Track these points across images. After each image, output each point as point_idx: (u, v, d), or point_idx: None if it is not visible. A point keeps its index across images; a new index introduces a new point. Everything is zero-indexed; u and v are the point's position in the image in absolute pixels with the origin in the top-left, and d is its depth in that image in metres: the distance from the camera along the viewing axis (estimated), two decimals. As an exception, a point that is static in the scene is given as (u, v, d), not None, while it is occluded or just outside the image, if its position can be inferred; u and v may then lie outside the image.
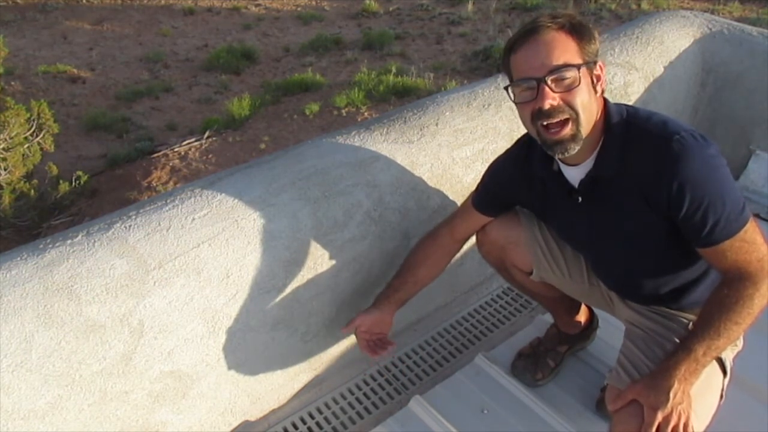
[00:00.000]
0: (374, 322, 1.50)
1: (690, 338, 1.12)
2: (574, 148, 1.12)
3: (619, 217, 1.20)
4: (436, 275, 1.54)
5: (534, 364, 1.69)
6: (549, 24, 1.08)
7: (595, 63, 1.12)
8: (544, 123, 1.10)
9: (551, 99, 1.07)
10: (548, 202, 1.32)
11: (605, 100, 1.17)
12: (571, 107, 1.08)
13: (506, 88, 1.16)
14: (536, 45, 1.08)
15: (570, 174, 1.23)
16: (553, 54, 1.07)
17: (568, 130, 1.10)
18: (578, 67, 1.08)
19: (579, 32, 1.10)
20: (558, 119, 1.09)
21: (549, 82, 1.07)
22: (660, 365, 1.14)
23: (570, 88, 1.08)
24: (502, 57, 1.16)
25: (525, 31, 1.10)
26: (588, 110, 1.10)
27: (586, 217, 1.25)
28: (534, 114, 1.11)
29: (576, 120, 1.09)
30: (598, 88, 1.13)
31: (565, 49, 1.07)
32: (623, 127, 1.15)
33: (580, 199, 1.23)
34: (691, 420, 1.07)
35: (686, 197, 1.07)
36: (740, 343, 1.28)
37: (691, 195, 1.07)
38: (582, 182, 1.21)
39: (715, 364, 1.19)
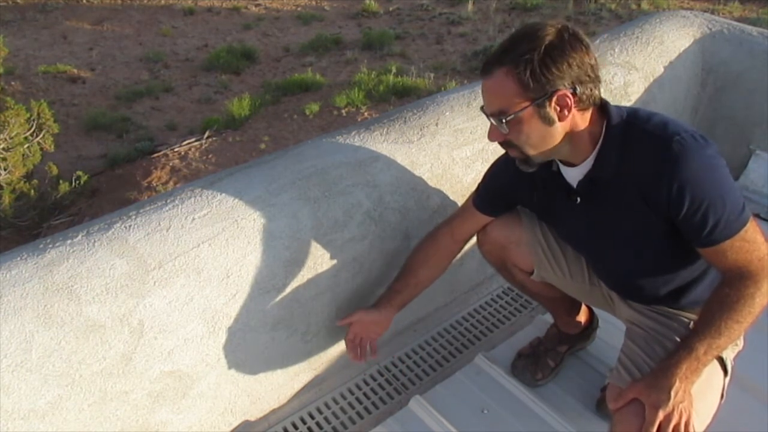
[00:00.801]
0: (372, 322, 1.51)
1: (691, 337, 1.12)
2: (530, 168, 1.19)
3: (618, 217, 1.20)
4: (437, 276, 1.54)
5: (534, 364, 1.69)
6: (498, 61, 1.09)
7: (553, 93, 1.06)
8: None
9: (494, 137, 1.17)
10: (548, 202, 1.33)
11: (605, 103, 1.17)
12: (512, 144, 1.15)
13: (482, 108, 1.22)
14: (484, 86, 1.14)
15: (569, 174, 1.23)
16: (490, 100, 1.13)
17: (517, 154, 1.18)
18: (511, 112, 1.09)
19: (526, 71, 1.05)
20: (506, 149, 1.20)
21: (493, 122, 1.15)
22: (661, 364, 1.14)
23: (506, 131, 1.13)
24: None
25: (483, 64, 1.13)
26: (535, 144, 1.13)
27: (585, 217, 1.25)
28: None
29: (522, 151, 1.16)
30: (564, 114, 1.09)
31: (502, 95, 1.10)
32: (623, 129, 1.15)
33: (578, 199, 1.23)
34: (692, 419, 1.08)
35: (686, 198, 1.07)
36: (741, 343, 1.28)
37: (691, 196, 1.07)
38: (580, 183, 1.21)
39: (716, 364, 1.19)
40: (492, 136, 1.17)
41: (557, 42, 1.05)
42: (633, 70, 2.22)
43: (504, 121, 1.11)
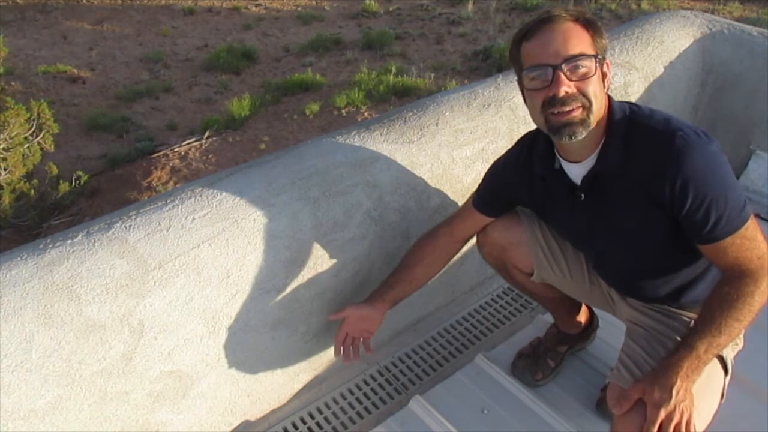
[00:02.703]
0: (363, 317, 1.48)
1: (692, 335, 1.12)
2: (582, 133, 1.11)
3: (621, 214, 1.20)
4: (433, 275, 1.53)
5: (534, 364, 1.69)
6: (564, 15, 1.10)
7: (604, 59, 1.14)
8: (556, 111, 1.10)
9: (566, 86, 1.08)
10: (549, 201, 1.32)
11: (609, 97, 1.18)
12: (585, 95, 1.09)
13: (519, 76, 1.17)
14: (552, 33, 1.09)
15: (572, 171, 1.23)
16: (569, 43, 1.08)
17: (578, 113, 1.10)
18: (592, 57, 1.09)
19: (593, 26, 1.12)
20: (571, 107, 1.09)
21: (565, 70, 1.08)
22: (662, 363, 1.14)
23: (585, 77, 1.09)
24: (512, 45, 1.17)
25: (540, 20, 1.11)
26: (599, 101, 1.12)
27: (587, 214, 1.25)
28: (546, 101, 1.11)
29: (588, 108, 1.10)
30: (606, 84, 1.15)
31: (580, 40, 1.09)
32: (626, 124, 1.15)
33: (582, 196, 1.23)
34: (694, 417, 1.07)
35: (689, 194, 1.07)
36: (741, 342, 1.28)
37: (694, 192, 1.07)
38: (585, 178, 1.21)
39: (716, 363, 1.19)
40: (563, 84, 1.07)
41: (591, 16, 1.13)
42: (633, 70, 2.22)
43: (595, 58, 1.09)
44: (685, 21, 2.47)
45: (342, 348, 1.51)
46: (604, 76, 1.14)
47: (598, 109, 1.12)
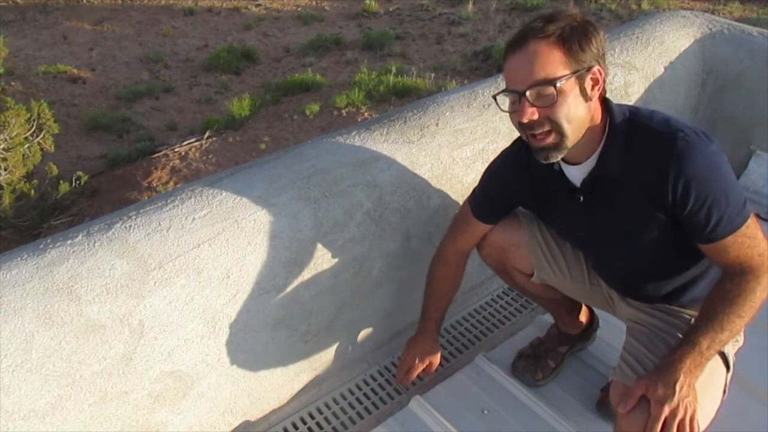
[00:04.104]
0: (426, 351, 1.62)
1: (694, 332, 1.12)
2: (557, 156, 1.14)
3: (622, 215, 1.20)
4: (457, 288, 1.61)
5: (534, 365, 1.69)
6: (539, 34, 1.07)
7: (589, 69, 1.10)
8: (528, 134, 1.13)
9: (530, 114, 1.09)
10: (548, 202, 1.32)
11: (607, 100, 1.17)
12: (552, 121, 1.10)
13: (494, 97, 1.19)
14: (520, 57, 1.09)
15: (571, 173, 1.23)
16: (534, 68, 1.07)
17: (551, 139, 1.12)
18: (558, 80, 1.06)
19: (569, 40, 1.07)
20: (540, 131, 1.11)
21: (528, 96, 1.08)
22: (665, 359, 1.14)
23: (550, 103, 1.08)
24: (503, 59, 1.17)
25: (515, 39, 1.11)
26: (574, 121, 1.10)
27: (587, 216, 1.25)
28: (519, 123, 1.13)
29: (559, 132, 1.11)
30: (594, 93, 1.12)
31: (547, 62, 1.07)
32: (626, 126, 1.15)
33: (581, 198, 1.23)
34: (697, 413, 1.07)
35: (691, 194, 1.08)
36: (741, 339, 1.28)
37: (696, 192, 1.07)
38: (584, 181, 1.21)
39: (718, 359, 1.19)
40: (527, 113, 1.08)
41: (584, 21, 1.09)
42: (633, 70, 2.22)
43: (555, 85, 1.06)
44: (685, 21, 2.46)
45: (407, 377, 1.62)
46: (594, 83, 1.11)
47: (575, 129, 1.11)
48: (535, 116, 1.09)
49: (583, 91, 1.10)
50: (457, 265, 1.56)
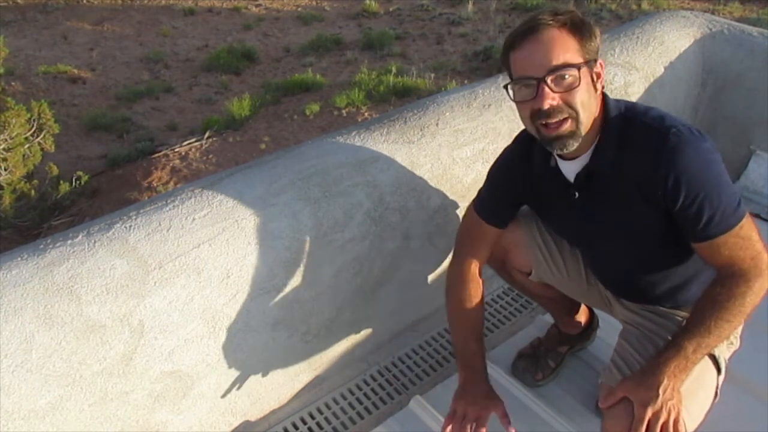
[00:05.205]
0: (483, 395, 1.38)
1: (680, 335, 1.12)
2: (573, 145, 1.12)
3: (615, 211, 1.20)
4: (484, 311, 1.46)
5: (534, 365, 1.69)
6: (550, 22, 1.07)
7: (595, 61, 1.12)
8: (543, 122, 1.10)
9: (551, 99, 1.07)
10: (545, 199, 1.32)
11: (604, 96, 1.18)
12: (571, 107, 1.08)
13: (506, 87, 1.16)
14: (536, 43, 1.07)
15: (567, 169, 1.23)
16: (553, 53, 1.06)
17: (567, 126, 1.10)
18: (578, 66, 1.07)
19: (580, 30, 1.09)
20: (557, 119, 1.09)
21: (549, 82, 1.06)
22: (650, 362, 1.14)
23: (570, 88, 1.07)
24: (502, 53, 1.15)
25: (525, 28, 1.09)
26: (587, 109, 1.10)
27: (582, 212, 1.25)
28: (533, 113, 1.11)
29: (576, 119, 1.09)
30: (598, 86, 1.14)
31: (565, 49, 1.07)
32: (621, 121, 1.15)
33: (576, 194, 1.23)
34: (682, 416, 1.07)
35: (682, 189, 1.07)
36: (737, 342, 1.28)
37: (687, 187, 1.07)
38: (578, 176, 1.21)
39: (708, 362, 1.19)
40: (548, 98, 1.06)
41: (583, 17, 1.10)
42: (633, 71, 2.22)
43: (579, 69, 1.06)
44: (685, 21, 2.46)
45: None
46: (598, 76, 1.13)
47: (588, 117, 1.11)
48: (556, 101, 1.07)
49: (593, 80, 1.12)
50: (478, 282, 1.42)
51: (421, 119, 1.79)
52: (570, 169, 1.22)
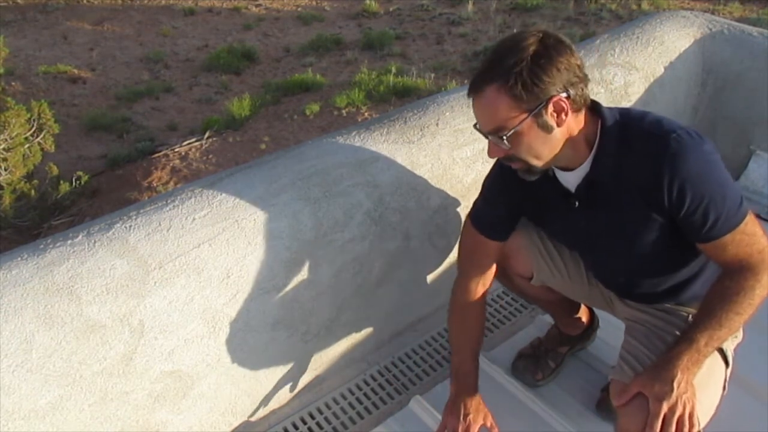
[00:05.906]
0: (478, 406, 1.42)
1: (692, 329, 1.12)
2: (533, 177, 1.18)
3: (618, 218, 1.20)
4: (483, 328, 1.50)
5: (534, 365, 1.69)
6: (487, 78, 1.07)
7: (548, 101, 1.06)
8: None
9: (496, 153, 1.15)
10: (544, 207, 1.31)
11: (597, 105, 1.17)
12: (516, 157, 1.13)
13: (475, 126, 1.18)
14: (477, 104, 1.12)
15: (565, 179, 1.22)
16: (485, 118, 1.11)
17: (520, 166, 1.17)
18: (514, 127, 1.07)
19: (518, 83, 1.04)
20: (509, 163, 1.17)
21: (491, 139, 1.13)
22: (662, 356, 1.14)
23: (509, 147, 1.11)
24: None
25: (472, 81, 1.11)
26: (538, 153, 1.12)
27: (583, 220, 1.25)
28: None
29: (526, 162, 1.14)
30: (561, 120, 1.09)
31: (497, 111, 1.08)
32: (618, 129, 1.15)
33: (576, 203, 1.23)
34: (696, 409, 1.07)
35: (687, 196, 1.07)
36: (740, 335, 1.28)
37: (692, 193, 1.07)
38: (579, 187, 1.20)
39: (717, 355, 1.19)
40: (492, 153, 1.15)
41: (542, 50, 1.05)
42: (633, 71, 2.22)
43: (504, 137, 1.09)
44: (685, 21, 2.46)
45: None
46: (558, 112, 1.08)
47: (542, 155, 1.12)
48: (501, 154, 1.14)
49: (543, 126, 1.08)
50: (482, 305, 1.46)
51: (421, 119, 1.79)
52: (569, 180, 1.22)
